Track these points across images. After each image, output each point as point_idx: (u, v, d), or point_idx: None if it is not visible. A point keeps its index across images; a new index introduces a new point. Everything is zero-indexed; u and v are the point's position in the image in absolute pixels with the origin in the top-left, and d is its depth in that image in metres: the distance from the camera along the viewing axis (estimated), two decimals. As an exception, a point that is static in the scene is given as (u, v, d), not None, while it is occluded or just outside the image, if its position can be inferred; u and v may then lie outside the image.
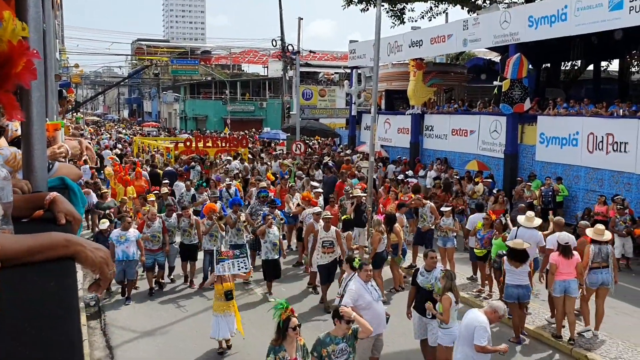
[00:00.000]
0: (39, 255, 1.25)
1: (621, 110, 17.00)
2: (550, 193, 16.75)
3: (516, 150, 20.01)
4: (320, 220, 11.77)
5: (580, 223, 11.28)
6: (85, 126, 45.38)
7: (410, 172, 21.49)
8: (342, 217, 13.89)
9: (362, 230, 13.47)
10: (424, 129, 25.18)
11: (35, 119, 1.96)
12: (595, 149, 17.00)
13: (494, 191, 16.72)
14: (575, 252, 9.62)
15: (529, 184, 17.61)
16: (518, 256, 9.52)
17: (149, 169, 21.01)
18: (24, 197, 1.73)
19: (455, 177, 19.51)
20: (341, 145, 32.16)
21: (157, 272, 12.39)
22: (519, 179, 18.82)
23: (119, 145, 34.23)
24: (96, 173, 19.69)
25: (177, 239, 12.83)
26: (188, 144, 24.51)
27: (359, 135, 30.14)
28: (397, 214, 12.82)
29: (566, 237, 9.84)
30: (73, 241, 1.32)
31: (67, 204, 1.68)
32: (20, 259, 1.22)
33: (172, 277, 12.75)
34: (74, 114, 30.76)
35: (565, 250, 9.51)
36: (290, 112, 37.81)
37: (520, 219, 11.21)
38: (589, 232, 9.99)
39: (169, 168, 21.47)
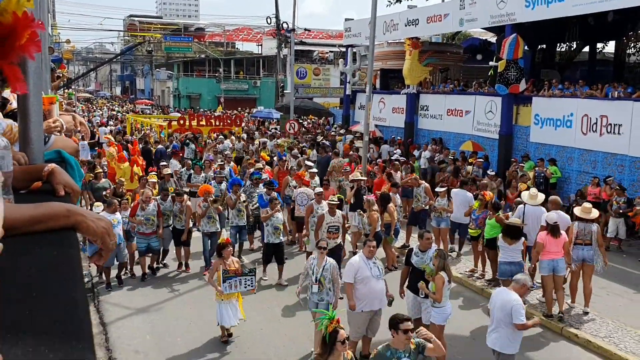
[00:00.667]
0: (40, 225, 1.23)
1: (616, 92, 17.01)
2: (542, 175, 16.82)
3: (511, 131, 20.02)
4: (324, 204, 11.54)
5: (551, 199, 11.19)
6: (77, 103, 45.02)
7: (398, 151, 21.45)
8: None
9: (359, 213, 13.15)
10: (419, 109, 25.13)
11: (31, 91, 1.93)
12: (589, 130, 17.03)
13: (488, 172, 16.76)
14: (562, 232, 9.68)
15: (522, 164, 17.67)
16: (512, 233, 9.66)
17: (141, 146, 20.89)
18: (22, 168, 1.70)
19: (450, 157, 19.54)
20: (335, 125, 32.10)
21: (151, 257, 12.06)
22: (513, 160, 18.88)
23: (111, 122, 34.02)
24: (103, 150, 19.38)
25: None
26: (182, 122, 24.38)
27: (353, 114, 30.07)
28: (391, 194, 12.86)
29: (555, 216, 9.87)
30: (74, 211, 1.31)
31: (65, 175, 1.66)
32: (22, 228, 1.20)
33: (164, 262, 12.35)
34: (66, 90, 30.50)
35: (553, 229, 9.54)
36: (284, 91, 37.62)
37: (524, 196, 11.34)
38: (577, 210, 10.14)
39: (160, 146, 21.36)
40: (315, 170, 15.74)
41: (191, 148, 21.10)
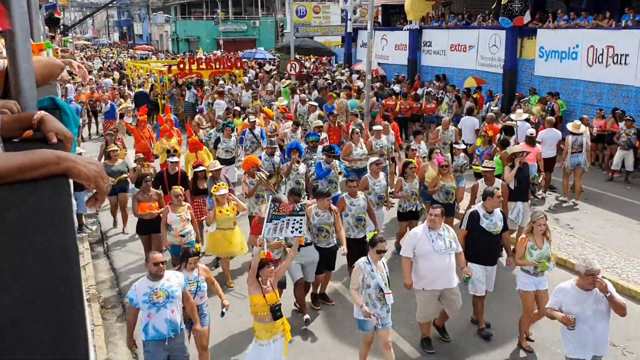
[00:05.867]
0: (30, 173, 1.22)
1: (623, 21, 16.57)
2: (550, 109, 16.66)
3: (515, 65, 19.72)
4: (381, 177, 9.38)
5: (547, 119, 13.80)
6: (76, 50, 44.37)
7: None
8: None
9: (525, 205, 9.86)
10: (422, 45, 24.69)
11: (18, 36, 1.88)
12: (595, 62, 16.76)
13: (492, 107, 16.61)
14: (537, 144, 11.68)
15: (528, 98, 17.49)
16: (508, 131, 12.04)
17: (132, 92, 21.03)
18: (12, 117, 1.68)
19: (455, 94, 19.25)
20: (337, 64, 31.65)
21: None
22: (517, 94, 18.67)
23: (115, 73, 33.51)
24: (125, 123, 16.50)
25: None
26: (182, 66, 24.07)
27: (355, 53, 29.61)
28: (415, 143, 11.57)
29: (532, 130, 12.18)
30: (64, 157, 1.29)
31: (57, 122, 1.63)
32: (11, 177, 1.19)
33: (307, 317, 7.84)
34: (62, 38, 29.99)
35: (529, 140, 11.45)
36: (284, 31, 36.92)
37: (513, 116, 14.24)
38: (569, 126, 12.51)
39: (142, 89, 21.38)
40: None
41: (192, 92, 20.89)
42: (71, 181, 1.44)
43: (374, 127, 12.30)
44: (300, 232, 6.34)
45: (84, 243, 10.79)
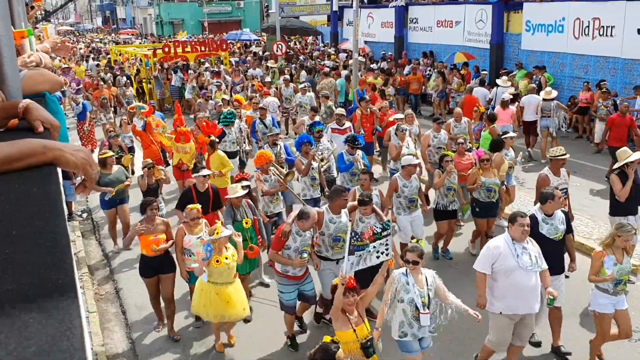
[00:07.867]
0: (17, 163, 1.21)
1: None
2: (537, 82, 16.69)
3: (502, 40, 19.69)
4: (413, 179, 8.21)
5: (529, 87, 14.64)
6: (58, 36, 43.69)
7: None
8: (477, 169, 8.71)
9: (637, 218, 7.97)
10: (408, 22, 24.57)
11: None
12: (582, 34, 16.76)
13: (477, 81, 16.63)
14: (511, 106, 13.18)
15: (515, 73, 17.51)
16: (503, 104, 13.21)
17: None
18: (-4, 106, 1.66)
19: (443, 70, 19.23)
20: (323, 43, 31.46)
21: (298, 308, 6.97)
22: (503, 70, 18.66)
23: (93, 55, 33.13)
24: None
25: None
26: (167, 50, 23.82)
27: (342, 32, 29.42)
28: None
29: (506, 95, 13.59)
30: (50, 146, 1.28)
31: (42, 110, 1.61)
32: None
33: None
34: (44, 24, 29.52)
35: (503, 103, 12.99)
36: (269, 11, 36.59)
37: (499, 81, 15.49)
38: (542, 93, 13.73)
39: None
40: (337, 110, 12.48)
41: (179, 76, 20.73)
42: (59, 170, 1.43)
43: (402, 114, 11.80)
44: (387, 254, 5.71)
45: (76, 231, 10.76)
